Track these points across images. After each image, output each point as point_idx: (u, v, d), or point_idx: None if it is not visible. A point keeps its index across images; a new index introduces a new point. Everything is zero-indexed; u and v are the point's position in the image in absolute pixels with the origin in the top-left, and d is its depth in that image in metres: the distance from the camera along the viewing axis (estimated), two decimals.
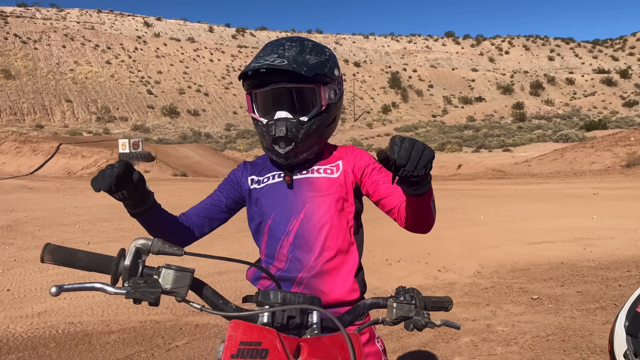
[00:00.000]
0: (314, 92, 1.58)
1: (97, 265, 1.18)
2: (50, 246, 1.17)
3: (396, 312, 1.25)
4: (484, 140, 48.53)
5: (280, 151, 1.58)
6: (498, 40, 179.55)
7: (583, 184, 16.90)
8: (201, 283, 1.23)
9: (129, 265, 1.14)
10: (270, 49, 1.59)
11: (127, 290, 1.11)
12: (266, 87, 1.57)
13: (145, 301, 1.11)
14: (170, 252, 1.17)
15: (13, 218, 11.02)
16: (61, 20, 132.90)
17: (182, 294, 1.14)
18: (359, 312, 1.31)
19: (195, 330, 4.51)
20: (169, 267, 1.15)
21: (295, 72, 1.50)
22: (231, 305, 1.21)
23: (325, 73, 1.58)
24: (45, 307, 5.06)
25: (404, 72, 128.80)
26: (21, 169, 29.25)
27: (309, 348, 1.10)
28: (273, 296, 1.17)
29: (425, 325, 1.23)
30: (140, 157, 28.42)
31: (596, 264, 6.61)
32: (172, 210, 1.77)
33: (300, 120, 1.57)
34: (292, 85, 1.55)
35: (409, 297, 1.27)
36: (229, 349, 1.03)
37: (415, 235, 2.25)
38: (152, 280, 1.13)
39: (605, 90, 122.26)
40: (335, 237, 1.59)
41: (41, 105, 75.83)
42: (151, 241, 1.17)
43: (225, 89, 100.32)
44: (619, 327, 1.11)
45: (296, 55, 1.55)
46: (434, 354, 3.98)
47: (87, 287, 1.11)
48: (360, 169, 1.65)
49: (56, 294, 1.07)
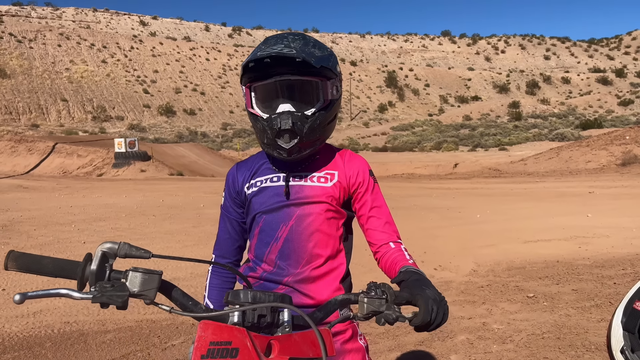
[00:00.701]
0: (319, 86, 1.55)
1: (63, 271, 1.17)
2: (14, 253, 1.16)
3: (367, 307, 1.25)
4: (480, 139, 48.64)
5: (285, 145, 1.53)
6: (494, 39, 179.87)
7: (578, 183, 16.95)
8: (170, 285, 1.22)
9: (95, 270, 1.13)
10: (274, 41, 1.53)
11: (94, 295, 1.09)
12: (269, 80, 1.52)
13: (113, 305, 1.10)
14: (138, 255, 1.16)
15: (9, 217, 10.98)
16: (57, 19, 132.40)
17: (151, 296, 1.14)
18: (330, 309, 1.31)
19: (191, 329, 4.51)
20: (136, 270, 1.14)
21: (304, 62, 1.46)
22: (201, 307, 1.21)
23: (330, 67, 1.55)
24: (40, 306, 5.04)
25: (400, 71, 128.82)
26: (17, 169, 29.14)
27: (280, 345, 1.10)
28: (243, 296, 1.16)
29: (396, 319, 1.23)
30: (136, 156, 28.34)
31: (591, 262, 6.64)
32: (170, 210, 1.77)
33: (304, 114, 1.53)
34: (297, 77, 1.51)
35: (380, 291, 1.27)
36: (199, 349, 1.02)
37: (411, 233, 2.26)
38: (120, 283, 1.12)
39: (601, 89, 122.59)
40: (324, 245, 1.59)
41: (37, 105, 75.54)
42: (118, 245, 1.16)
43: (222, 88, 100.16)
44: (616, 323, 1.11)
45: (302, 47, 1.51)
46: (429, 352, 3.99)
47: (52, 293, 1.09)
48: (354, 185, 1.64)
49: (20, 301, 1.05)
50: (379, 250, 1.61)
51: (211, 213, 11.64)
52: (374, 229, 1.63)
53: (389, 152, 44.19)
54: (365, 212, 1.64)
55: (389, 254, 1.57)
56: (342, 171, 1.65)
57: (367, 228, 1.64)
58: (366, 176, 1.66)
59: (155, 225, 10.13)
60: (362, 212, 1.64)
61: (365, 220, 1.64)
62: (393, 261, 1.54)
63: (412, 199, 13.97)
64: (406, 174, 24.90)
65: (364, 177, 1.65)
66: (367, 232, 1.65)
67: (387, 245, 1.59)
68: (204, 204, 13.08)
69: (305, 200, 1.59)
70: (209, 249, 6.88)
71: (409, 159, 32.63)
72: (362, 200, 1.64)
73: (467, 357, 3.86)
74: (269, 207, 1.61)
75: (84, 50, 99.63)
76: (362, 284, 1.77)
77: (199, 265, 6.52)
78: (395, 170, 25.69)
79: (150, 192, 17.08)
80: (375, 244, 1.62)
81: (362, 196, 1.64)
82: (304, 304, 1.56)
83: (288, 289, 1.57)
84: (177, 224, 10.24)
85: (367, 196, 1.64)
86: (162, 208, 12.55)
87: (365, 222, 1.64)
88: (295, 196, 1.60)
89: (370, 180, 1.66)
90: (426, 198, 14.28)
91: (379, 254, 1.61)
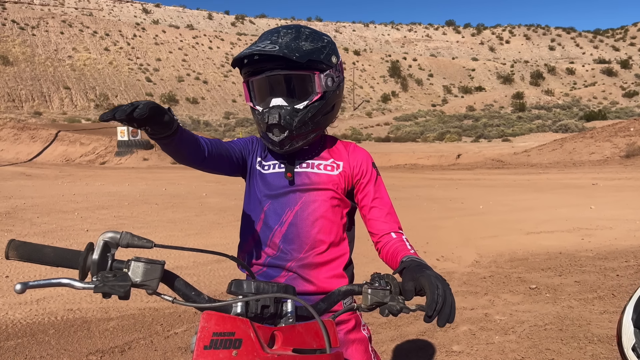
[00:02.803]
0: (309, 79, 1.56)
1: (65, 261, 1.16)
2: (15, 242, 1.15)
3: (371, 298, 1.25)
4: (483, 130, 48.47)
5: (275, 139, 1.57)
6: (499, 29, 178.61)
7: (582, 175, 16.90)
8: (172, 275, 1.21)
9: (97, 259, 1.12)
10: (264, 37, 1.58)
11: (96, 284, 1.08)
12: (261, 75, 1.56)
13: (115, 295, 1.09)
14: (140, 244, 1.15)
15: (12, 205, 11.00)
16: (59, 6, 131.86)
17: (153, 286, 1.13)
18: (334, 300, 1.31)
19: (194, 317, 4.52)
20: (139, 259, 1.13)
21: (286, 58, 1.49)
22: (204, 297, 1.20)
23: (321, 60, 1.56)
24: (44, 294, 5.06)
25: (404, 61, 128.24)
26: (19, 156, 29.18)
27: (283, 336, 1.09)
28: (246, 286, 1.16)
29: (400, 310, 1.23)
30: (138, 144, 28.33)
31: (594, 254, 6.62)
32: (172, 199, 1.74)
33: (295, 108, 1.55)
34: (285, 72, 1.54)
35: (384, 283, 1.27)
36: (202, 340, 1.02)
37: (413, 224, 2.25)
38: (122, 273, 1.11)
39: (606, 80, 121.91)
40: (327, 231, 1.61)
41: (39, 92, 75.49)
42: (120, 234, 1.15)
43: (225, 76, 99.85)
44: (626, 320, 1.09)
45: (289, 42, 1.53)
46: (431, 342, 3.99)
47: (53, 283, 1.08)
48: (357, 176, 1.69)
49: (21, 291, 1.04)
50: (380, 240, 1.63)
51: (213, 202, 11.65)
52: (376, 219, 1.65)
53: (391, 142, 44.05)
54: (367, 203, 1.67)
55: (390, 244, 1.59)
56: (346, 162, 1.69)
57: (369, 218, 1.67)
58: (369, 167, 1.71)
59: (157, 213, 10.15)
60: (365, 202, 1.68)
61: (367, 211, 1.67)
62: (395, 251, 1.55)
63: (415, 189, 13.96)
64: (409, 164, 24.85)
65: (367, 168, 1.70)
66: (369, 222, 1.67)
67: (388, 236, 1.62)
68: (206, 193, 13.09)
69: (312, 186, 1.63)
70: (211, 238, 6.91)
71: (412, 149, 32.55)
72: (364, 191, 1.68)
73: (469, 348, 3.86)
74: (275, 192, 1.63)
75: (86, 37, 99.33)
76: (364, 274, 1.76)
77: (201, 255, 6.53)
78: (397, 161, 25.63)
79: (152, 180, 17.10)
80: (376, 234, 1.64)
81: (365, 187, 1.69)
82: (306, 291, 1.58)
83: (291, 275, 1.59)
84: (180, 212, 10.25)
85: (370, 187, 1.68)
86: (165, 197, 12.56)
87: (367, 213, 1.67)
88: (302, 182, 1.63)
89: (373, 171, 1.71)
90: (429, 189, 14.26)
91: (380, 244, 1.63)
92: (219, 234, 8.07)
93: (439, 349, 3.88)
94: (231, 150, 1.67)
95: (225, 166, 1.65)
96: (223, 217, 9.64)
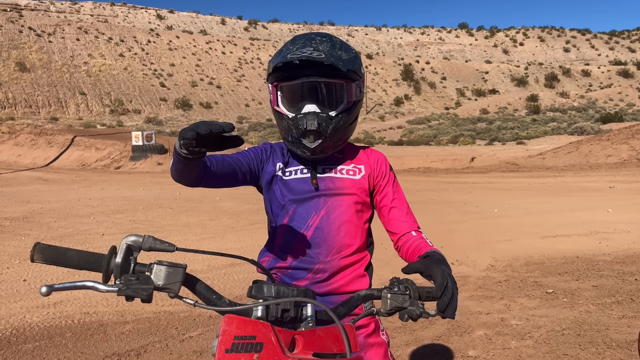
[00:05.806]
0: (344, 88, 1.59)
1: (88, 264, 1.17)
2: (40, 245, 1.16)
3: (390, 303, 1.25)
4: (497, 133, 48.06)
5: (309, 145, 1.57)
6: (512, 31, 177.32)
7: (599, 177, 16.69)
8: (194, 278, 1.22)
9: (120, 263, 1.13)
10: (302, 42, 1.56)
11: (119, 287, 1.10)
12: (296, 80, 1.56)
13: (138, 298, 1.10)
14: (162, 248, 1.16)
15: (29, 209, 11.16)
16: (75, 13, 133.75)
17: (175, 290, 1.14)
18: (354, 304, 1.32)
19: (209, 321, 4.54)
20: (161, 263, 1.14)
21: (332, 66, 1.50)
22: (225, 300, 1.21)
23: (355, 70, 1.59)
24: (61, 297, 5.12)
25: (416, 64, 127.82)
26: (36, 161, 29.58)
27: (304, 340, 1.09)
28: (267, 290, 1.17)
29: (420, 315, 1.23)
30: (153, 149, 28.56)
31: (612, 257, 6.53)
32: (186, 203, 1.75)
33: (329, 115, 1.57)
34: (324, 79, 1.55)
35: (403, 287, 1.28)
36: (223, 343, 1.02)
37: (428, 228, 2.25)
38: (144, 277, 1.12)
39: (622, 82, 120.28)
40: (353, 235, 1.64)
41: (56, 98, 76.52)
42: (142, 238, 1.16)
43: (238, 81, 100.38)
44: None
45: (330, 50, 1.54)
46: (447, 346, 3.96)
47: (78, 285, 1.10)
48: (377, 178, 1.72)
49: (47, 293, 1.06)
50: (400, 238, 1.66)
51: (227, 206, 11.69)
52: (396, 219, 1.69)
53: (404, 145, 43.91)
54: (387, 204, 1.70)
55: (411, 241, 1.62)
56: (367, 164, 1.73)
57: (389, 219, 1.70)
58: (387, 169, 1.75)
59: (172, 217, 10.22)
60: (384, 203, 1.71)
61: (387, 211, 1.70)
62: (416, 247, 1.58)
63: (429, 193, 13.88)
64: (422, 168, 24.72)
65: (385, 170, 1.74)
66: (389, 223, 1.70)
67: (409, 234, 1.65)
68: (220, 197, 13.15)
69: (337, 191, 1.65)
70: (226, 242, 6.93)
71: (425, 152, 32.39)
72: (383, 192, 1.72)
73: (485, 353, 3.82)
74: (300, 197, 1.64)
75: (101, 44, 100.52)
76: (377, 277, 1.76)
77: (216, 258, 6.56)
78: (411, 164, 25.51)
79: (167, 184, 17.22)
80: (397, 233, 1.67)
81: (384, 188, 1.72)
82: (328, 291, 1.61)
83: (318, 276, 1.61)
84: (194, 216, 10.31)
85: (389, 188, 1.72)
86: (179, 201, 12.64)
87: (387, 213, 1.70)
88: (326, 187, 1.65)
89: (390, 173, 1.75)
90: (443, 192, 14.18)
91: (401, 241, 1.66)
92: (234, 238, 8.10)
93: (455, 353, 3.84)
94: (236, 165, 1.63)
95: (224, 182, 1.63)
96: (237, 221, 9.68)
